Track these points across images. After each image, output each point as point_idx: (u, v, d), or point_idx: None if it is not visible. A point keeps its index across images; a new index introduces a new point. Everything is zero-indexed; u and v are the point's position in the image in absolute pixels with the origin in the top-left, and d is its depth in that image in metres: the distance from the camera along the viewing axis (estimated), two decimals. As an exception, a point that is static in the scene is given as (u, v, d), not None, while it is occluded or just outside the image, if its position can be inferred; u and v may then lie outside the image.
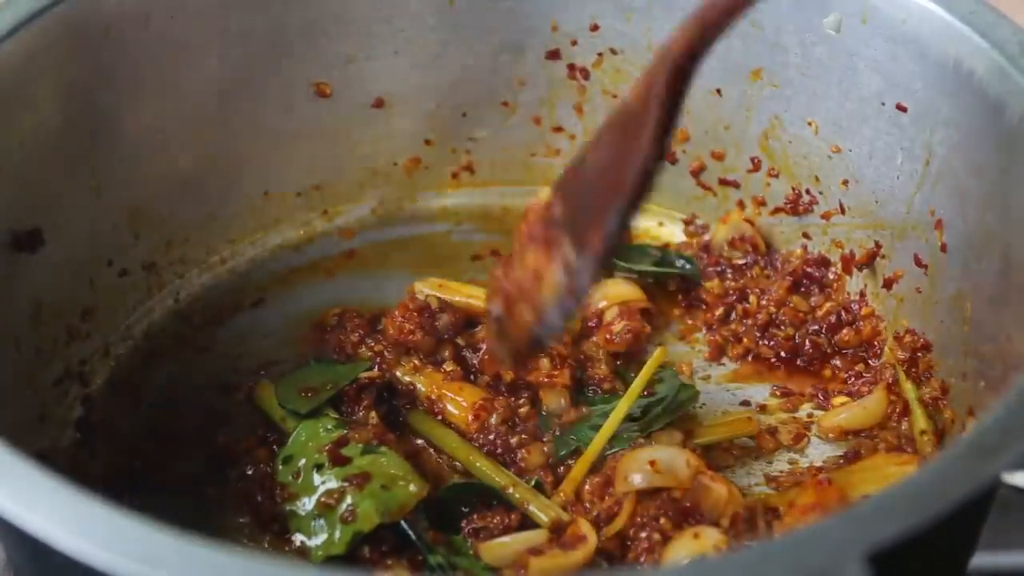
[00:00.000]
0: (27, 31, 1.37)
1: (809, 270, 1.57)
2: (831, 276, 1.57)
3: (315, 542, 1.30)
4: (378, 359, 1.46)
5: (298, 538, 1.31)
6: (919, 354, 1.46)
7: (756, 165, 1.61)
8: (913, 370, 1.45)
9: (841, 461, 1.41)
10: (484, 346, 1.47)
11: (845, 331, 1.52)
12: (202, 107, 1.56)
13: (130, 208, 1.53)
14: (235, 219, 1.64)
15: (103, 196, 1.49)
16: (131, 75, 1.48)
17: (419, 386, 1.44)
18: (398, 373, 1.45)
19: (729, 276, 1.60)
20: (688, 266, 1.61)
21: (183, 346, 1.55)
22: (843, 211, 1.55)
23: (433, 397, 1.44)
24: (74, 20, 1.41)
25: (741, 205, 1.64)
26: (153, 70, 1.50)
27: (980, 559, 1.24)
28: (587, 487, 1.36)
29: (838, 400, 1.48)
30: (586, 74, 1.65)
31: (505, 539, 1.30)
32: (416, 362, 1.46)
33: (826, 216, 1.57)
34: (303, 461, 1.35)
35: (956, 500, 0.98)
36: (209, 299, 1.61)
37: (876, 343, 1.51)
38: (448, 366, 1.47)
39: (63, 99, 1.42)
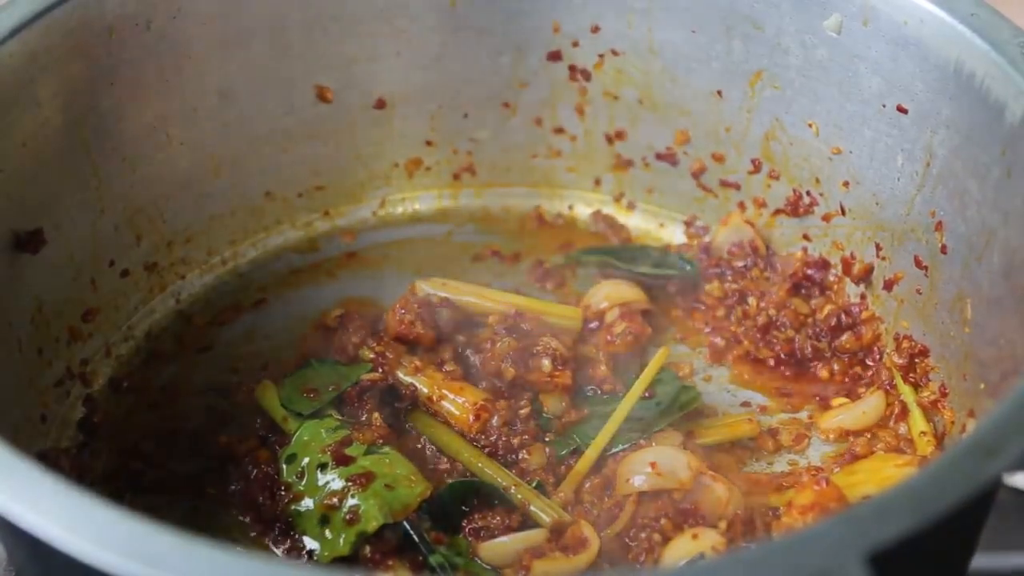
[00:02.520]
0: (29, 31, 1.37)
1: (809, 272, 1.57)
2: (831, 278, 1.57)
3: (320, 543, 1.30)
4: (379, 360, 1.46)
5: (303, 539, 1.31)
6: (917, 359, 1.46)
7: (757, 167, 1.61)
8: (911, 375, 1.46)
9: (841, 461, 1.41)
10: (487, 346, 1.47)
11: (846, 336, 1.52)
12: (203, 108, 1.56)
13: (131, 209, 1.53)
14: (236, 220, 1.65)
15: (104, 196, 1.49)
16: (133, 76, 1.48)
17: (420, 387, 1.45)
18: (400, 374, 1.45)
19: (729, 278, 1.60)
20: (688, 268, 1.62)
21: (184, 347, 1.55)
22: (843, 213, 1.55)
23: (434, 398, 1.44)
24: (76, 21, 1.41)
25: (742, 207, 1.64)
26: (154, 71, 1.50)
27: (980, 560, 1.24)
28: (587, 487, 1.36)
29: (837, 401, 1.48)
30: (587, 75, 1.65)
31: (504, 539, 1.30)
32: (417, 362, 1.46)
33: (826, 218, 1.57)
34: (306, 460, 1.35)
35: (956, 501, 0.98)
36: (210, 300, 1.61)
37: (876, 348, 1.51)
38: (449, 366, 1.47)
39: (65, 99, 1.42)
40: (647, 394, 1.44)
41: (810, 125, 1.54)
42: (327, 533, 1.30)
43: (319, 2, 1.57)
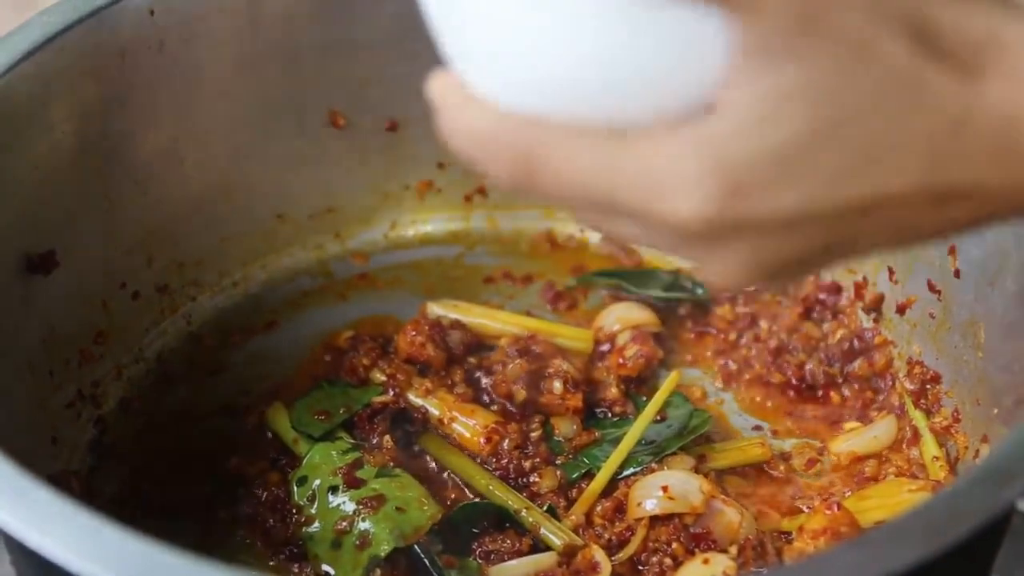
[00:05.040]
0: (42, 54, 1.37)
1: (821, 296, 1.57)
2: (843, 302, 1.56)
3: (333, 568, 1.30)
4: (391, 382, 1.46)
5: (314, 562, 1.31)
6: (928, 386, 1.45)
7: (769, 190, 1.60)
8: (923, 401, 1.45)
9: (853, 486, 1.41)
10: (498, 368, 1.47)
11: (858, 362, 1.51)
12: (215, 131, 1.57)
13: (143, 231, 1.53)
14: (248, 242, 1.65)
15: (116, 219, 1.50)
16: (145, 99, 1.48)
17: (431, 409, 1.44)
18: (411, 396, 1.45)
19: (740, 301, 1.60)
20: (699, 291, 1.61)
21: (195, 369, 1.55)
22: (856, 236, 1.54)
23: (445, 420, 1.44)
24: (89, 44, 1.41)
25: (754, 230, 1.63)
26: (167, 94, 1.50)
27: (994, 587, 1.23)
28: (598, 511, 1.36)
29: (848, 425, 1.47)
30: (599, 98, 1.65)
31: (514, 563, 1.30)
32: (428, 384, 1.46)
33: (839, 241, 1.56)
34: (317, 482, 1.35)
35: (970, 528, 0.97)
36: (222, 322, 1.61)
37: (888, 373, 1.51)
38: (460, 388, 1.47)
39: (77, 122, 1.42)
40: (659, 417, 1.44)
41: (822, 148, 1.53)
42: (339, 558, 1.30)
43: (332, 25, 1.58)
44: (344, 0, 1.58)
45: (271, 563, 1.34)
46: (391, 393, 1.45)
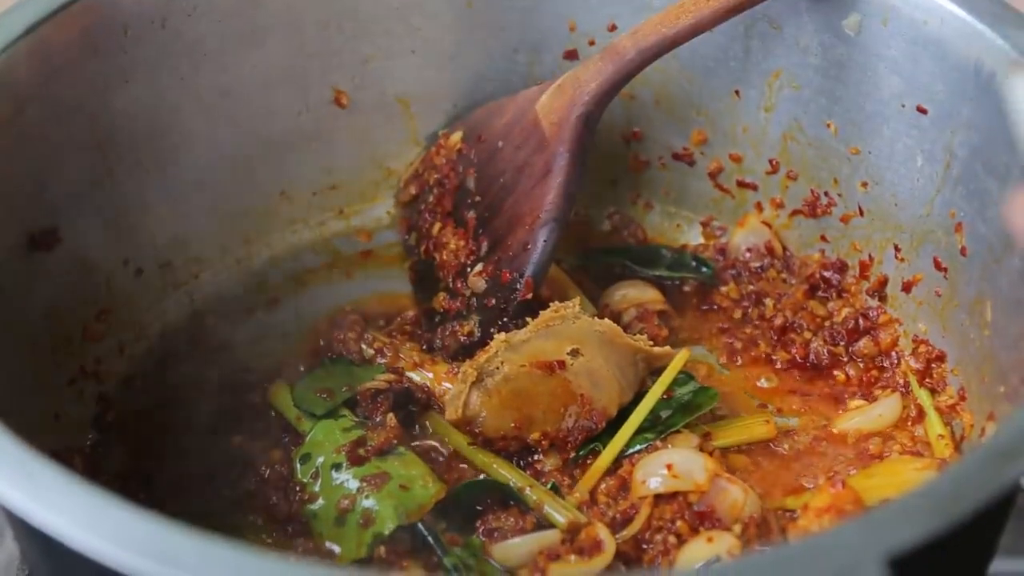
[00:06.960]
0: (44, 29, 1.37)
1: (826, 274, 1.56)
2: (849, 280, 1.56)
3: (337, 546, 1.30)
4: (380, 353, 1.46)
5: (318, 540, 1.31)
6: (933, 364, 1.45)
7: (774, 167, 1.60)
8: (928, 379, 1.45)
9: (858, 464, 1.40)
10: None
11: (863, 341, 1.51)
12: (218, 106, 1.56)
13: (146, 207, 1.53)
14: (250, 219, 1.64)
15: (118, 195, 1.49)
16: (147, 74, 1.48)
17: (424, 382, 1.44)
18: (413, 376, 1.45)
19: (745, 279, 1.60)
20: (704, 269, 1.61)
21: (198, 346, 1.55)
22: (862, 214, 1.54)
23: (437, 393, 1.43)
24: (91, 19, 1.41)
25: (759, 207, 1.63)
26: (169, 69, 1.50)
27: (999, 565, 1.23)
28: (602, 489, 1.36)
29: (853, 403, 1.47)
30: (603, 75, 1.64)
31: (517, 540, 1.30)
32: (416, 357, 1.46)
33: (844, 219, 1.56)
34: (321, 459, 1.35)
35: (976, 505, 0.97)
36: (224, 299, 1.60)
37: (893, 352, 1.50)
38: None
39: (79, 98, 1.42)
40: (664, 395, 1.43)
41: (828, 125, 1.53)
42: (344, 535, 1.29)
43: (334, 1, 1.57)
44: (347, -24, 1.58)
45: (274, 540, 1.33)
46: (387, 368, 1.45)
